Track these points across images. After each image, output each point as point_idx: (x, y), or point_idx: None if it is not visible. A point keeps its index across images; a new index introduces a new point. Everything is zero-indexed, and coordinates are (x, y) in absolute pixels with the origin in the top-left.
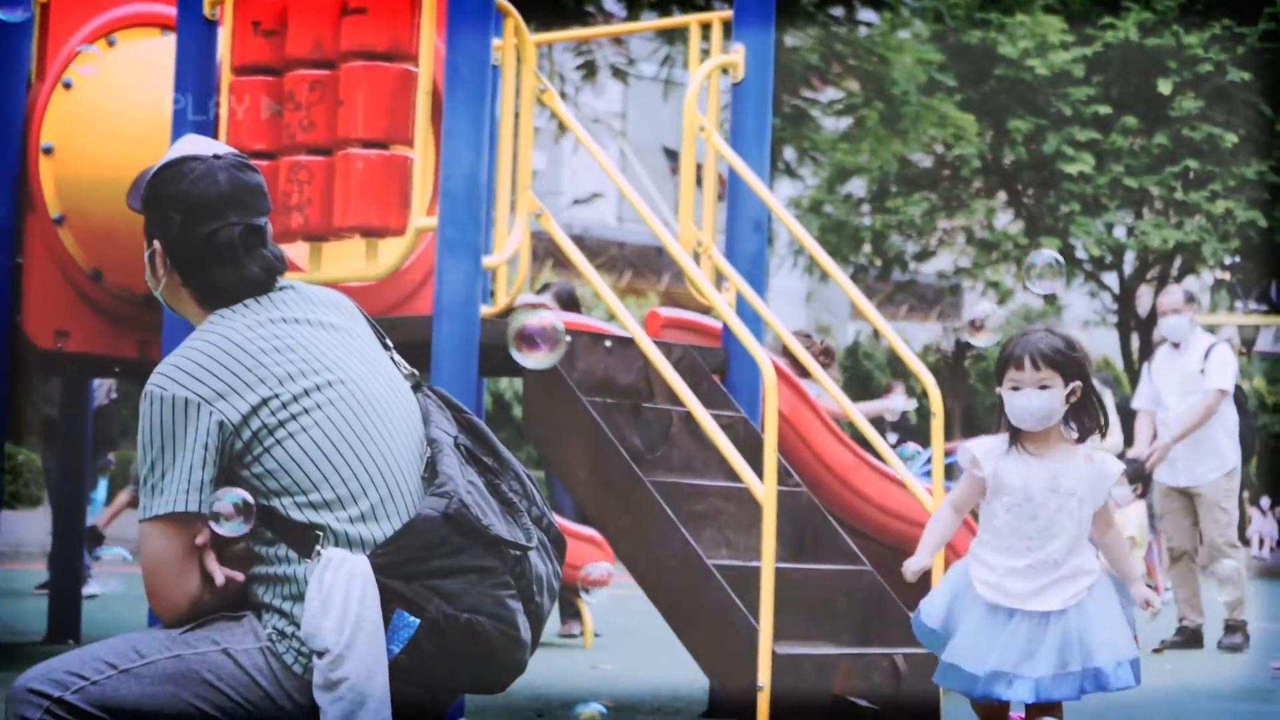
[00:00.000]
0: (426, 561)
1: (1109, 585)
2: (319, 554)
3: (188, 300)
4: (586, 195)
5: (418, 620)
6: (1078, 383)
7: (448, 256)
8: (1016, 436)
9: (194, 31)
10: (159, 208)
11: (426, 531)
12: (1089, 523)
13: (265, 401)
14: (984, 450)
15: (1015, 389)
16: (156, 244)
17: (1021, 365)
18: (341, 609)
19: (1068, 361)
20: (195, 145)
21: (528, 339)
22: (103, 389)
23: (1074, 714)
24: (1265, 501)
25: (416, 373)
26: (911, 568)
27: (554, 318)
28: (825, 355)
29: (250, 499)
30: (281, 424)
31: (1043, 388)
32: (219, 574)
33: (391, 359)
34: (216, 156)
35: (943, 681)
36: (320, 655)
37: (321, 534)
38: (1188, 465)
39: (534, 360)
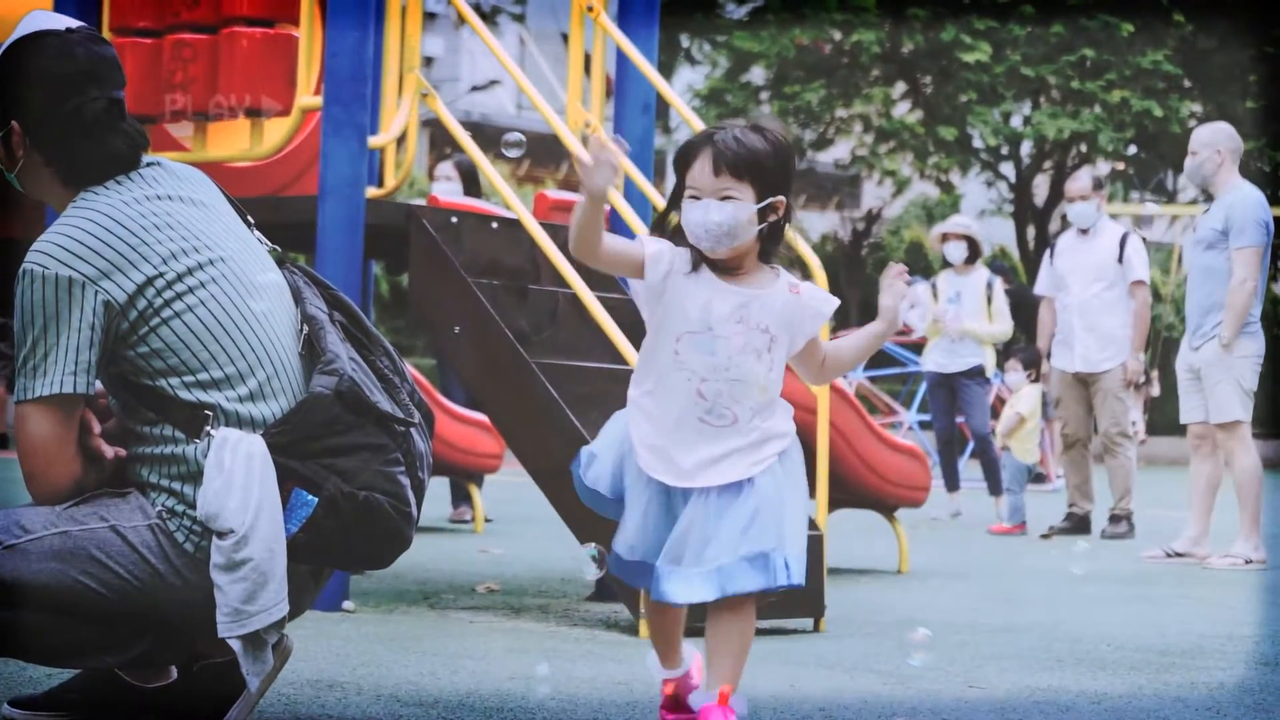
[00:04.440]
0: (321, 439)
1: (799, 460)
2: (208, 434)
3: (49, 180)
4: (484, 82)
5: (316, 499)
6: (779, 199)
7: (333, 136)
8: (701, 258)
9: None
10: (15, 85)
11: (319, 410)
12: (780, 372)
13: (150, 280)
14: (659, 249)
15: (694, 198)
16: (14, 124)
17: (703, 168)
18: (243, 489)
19: (764, 169)
20: (43, 21)
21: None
22: None
23: (929, 588)
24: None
25: (279, 248)
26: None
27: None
28: None
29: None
30: (167, 303)
31: (725, 198)
32: (109, 451)
33: (255, 236)
34: (69, 31)
35: (619, 571)
36: (222, 536)
37: (211, 414)
38: (1086, 352)
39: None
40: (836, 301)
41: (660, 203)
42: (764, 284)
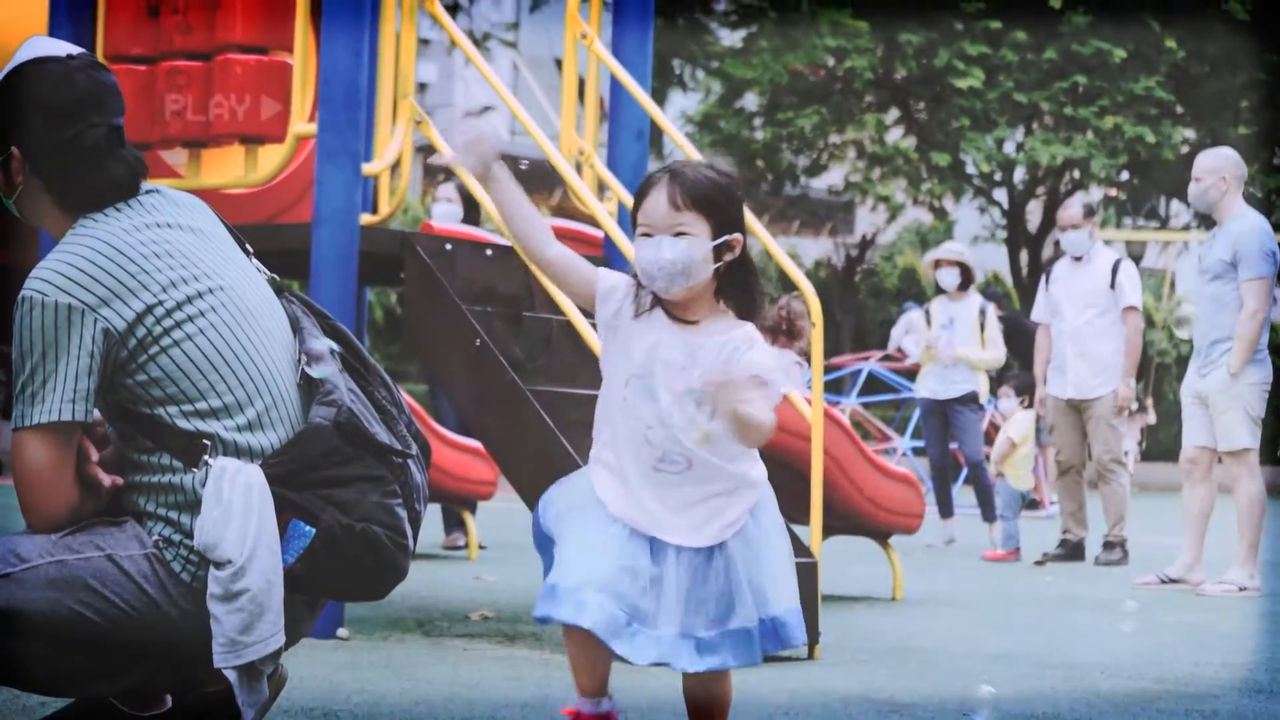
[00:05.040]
0: (319, 470)
1: (774, 508)
2: (206, 463)
3: (49, 207)
4: (478, 108)
5: (313, 530)
6: (735, 236)
7: (327, 163)
8: (655, 300)
9: None
10: (15, 111)
11: (318, 441)
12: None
13: (150, 309)
14: (612, 284)
15: (646, 235)
16: (14, 150)
17: (656, 203)
18: (242, 520)
19: (721, 204)
20: (43, 47)
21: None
22: None
23: (924, 615)
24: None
25: (276, 277)
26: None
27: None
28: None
29: None
30: (166, 332)
31: (679, 234)
32: (107, 480)
33: (253, 264)
34: (70, 57)
35: (550, 604)
36: (220, 566)
37: (210, 443)
38: (1078, 378)
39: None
40: (774, 375)
41: None
42: (716, 330)
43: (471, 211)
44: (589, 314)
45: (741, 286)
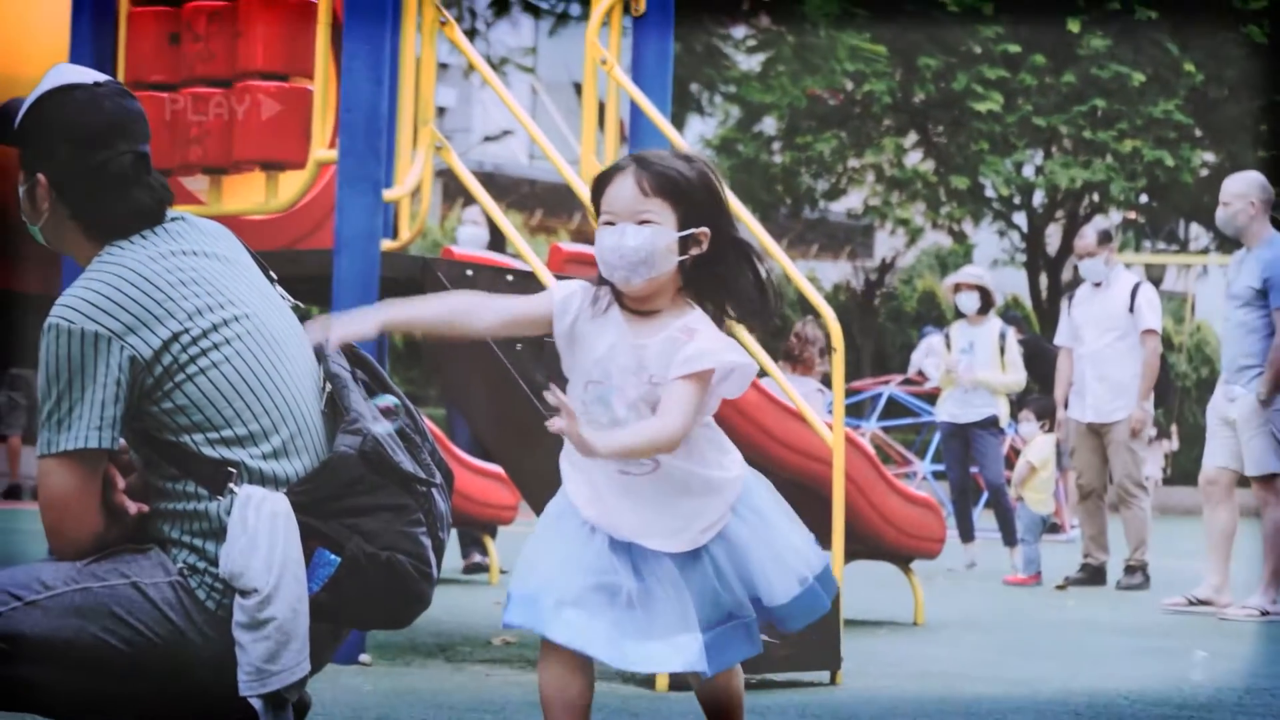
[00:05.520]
0: (343, 499)
1: (762, 492)
2: (232, 491)
3: (75, 234)
4: (497, 132)
5: (339, 558)
6: (703, 229)
7: (347, 189)
8: (614, 297)
9: None
10: (42, 139)
11: (344, 469)
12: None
13: (176, 336)
14: (566, 294)
15: (609, 224)
16: (40, 177)
17: (621, 190)
18: (268, 548)
19: (689, 194)
20: (71, 74)
21: None
22: None
23: (946, 640)
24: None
25: (301, 305)
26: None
27: None
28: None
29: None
30: (193, 359)
31: (642, 222)
32: (132, 508)
33: (278, 291)
34: (97, 84)
35: (522, 615)
36: (246, 595)
37: (235, 471)
38: (1097, 402)
39: None
40: (704, 364)
41: None
42: (667, 327)
43: (497, 235)
44: None
45: (709, 286)
